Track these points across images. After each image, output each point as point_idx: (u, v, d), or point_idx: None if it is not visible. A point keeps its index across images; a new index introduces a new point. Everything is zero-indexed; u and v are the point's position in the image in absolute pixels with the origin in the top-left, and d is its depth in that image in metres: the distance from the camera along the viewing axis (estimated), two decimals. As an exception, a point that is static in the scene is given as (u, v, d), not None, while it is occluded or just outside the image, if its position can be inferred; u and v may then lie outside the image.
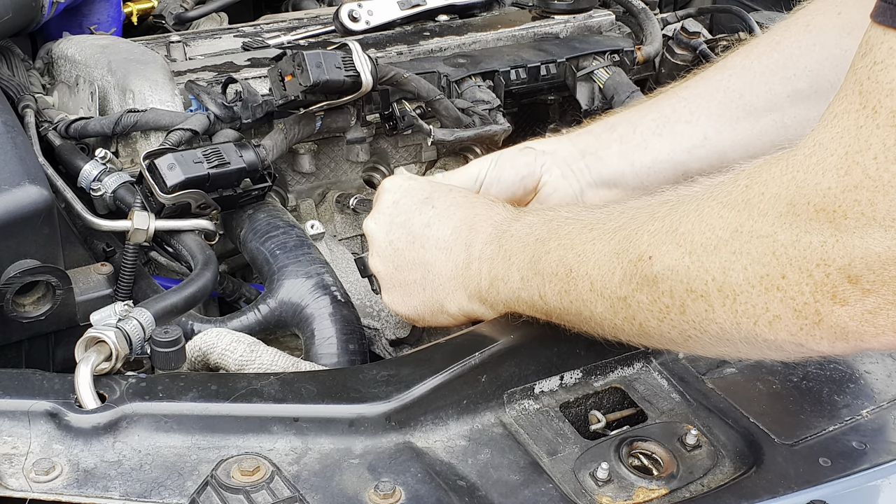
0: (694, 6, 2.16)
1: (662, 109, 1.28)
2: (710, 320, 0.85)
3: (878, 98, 0.72)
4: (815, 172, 0.76)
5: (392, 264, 1.20)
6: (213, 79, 1.51)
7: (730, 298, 0.82)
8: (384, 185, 1.24)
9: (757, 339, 0.83)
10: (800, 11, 1.24)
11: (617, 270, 0.92)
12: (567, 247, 0.99)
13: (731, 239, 0.81)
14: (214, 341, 1.14)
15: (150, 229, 1.28)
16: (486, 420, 1.05)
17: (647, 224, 0.90)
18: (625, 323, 0.94)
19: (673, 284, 0.86)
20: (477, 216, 1.15)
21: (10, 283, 1.13)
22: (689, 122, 1.26)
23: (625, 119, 1.31)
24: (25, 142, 1.28)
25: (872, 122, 0.72)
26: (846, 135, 0.74)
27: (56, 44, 1.63)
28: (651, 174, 1.27)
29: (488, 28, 1.76)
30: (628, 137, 1.28)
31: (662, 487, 0.97)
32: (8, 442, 0.93)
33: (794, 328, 0.79)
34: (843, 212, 0.74)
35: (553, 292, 1.00)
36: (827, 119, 0.77)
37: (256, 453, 0.91)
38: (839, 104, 0.76)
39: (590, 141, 1.31)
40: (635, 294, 0.90)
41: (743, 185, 0.82)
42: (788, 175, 0.78)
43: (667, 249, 0.87)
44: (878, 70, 0.72)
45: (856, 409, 1.08)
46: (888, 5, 0.72)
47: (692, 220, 0.85)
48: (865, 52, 0.74)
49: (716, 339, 0.87)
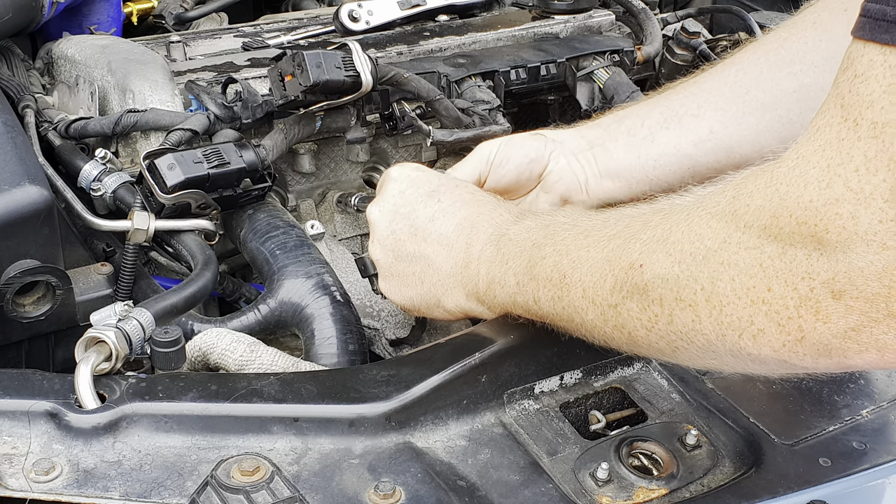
0: (694, 6, 2.16)
1: (671, 104, 1.29)
2: (697, 331, 0.84)
3: (858, 110, 0.71)
4: (798, 185, 0.75)
5: (392, 254, 1.20)
6: (213, 79, 1.51)
7: (716, 309, 0.81)
8: (391, 174, 1.23)
9: (741, 352, 0.82)
10: (807, 9, 1.24)
11: (608, 278, 0.92)
12: (562, 252, 0.99)
13: (720, 249, 0.81)
14: (214, 341, 1.14)
15: (150, 229, 1.28)
16: (486, 420, 1.05)
17: (640, 233, 0.90)
18: (615, 331, 0.94)
19: (663, 293, 0.86)
20: (480, 215, 1.15)
21: (10, 283, 1.13)
22: (695, 115, 1.26)
23: (634, 113, 1.32)
24: (25, 142, 1.28)
25: (854, 134, 0.72)
26: (828, 147, 0.73)
27: (56, 44, 1.63)
28: (657, 167, 1.27)
29: (488, 28, 1.76)
30: (636, 130, 1.29)
31: (662, 487, 0.97)
32: (8, 442, 0.93)
33: (777, 343, 0.79)
34: (825, 225, 0.73)
35: (547, 298, 1.00)
36: (810, 132, 0.76)
37: (256, 453, 0.91)
38: (822, 118, 0.75)
39: (598, 133, 1.32)
40: (625, 302, 0.90)
41: (730, 196, 0.82)
42: (772, 187, 0.78)
43: (657, 258, 0.86)
44: (858, 83, 0.72)
45: (856, 409, 1.08)
46: (867, 20, 0.72)
47: (682, 229, 0.85)
48: (846, 67, 0.74)
49: (702, 350, 0.86)
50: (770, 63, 1.24)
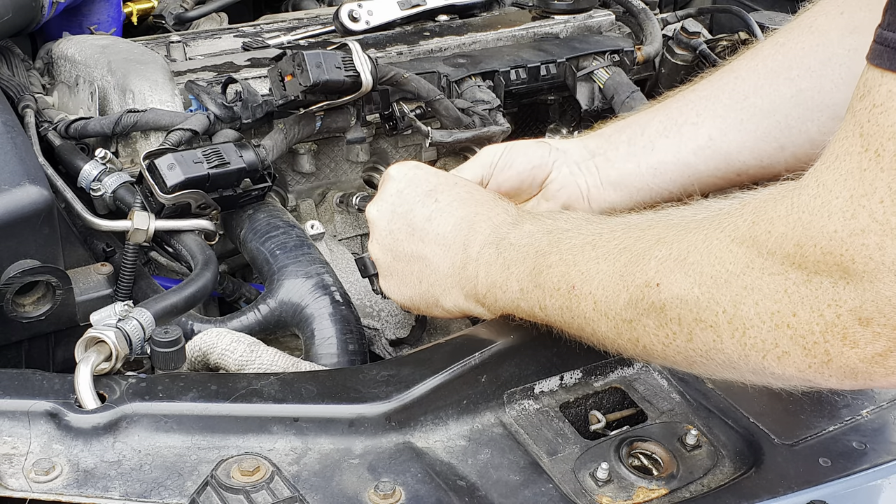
0: (694, 6, 2.16)
1: (670, 112, 1.29)
2: (718, 350, 0.84)
3: (880, 141, 0.71)
4: (821, 215, 0.75)
5: (391, 253, 1.20)
6: (213, 79, 1.51)
7: (739, 331, 0.81)
8: (390, 172, 1.23)
9: (765, 371, 0.82)
10: (804, 14, 1.24)
11: (622, 294, 0.91)
12: (569, 262, 0.98)
13: (743, 274, 0.80)
14: (214, 341, 1.13)
15: (150, 229, 1.28)
16: (486, 420, 1.05)
17: (653, 249, 0.90)
18: (628, 344, 0.94)
19: (681, 313, 0.86)
20: (478, 214, 1.15)
21: (10, 283, 1.13)
22: (694, 123, 1.26)
23: (634, 122, 1.32)
24: (25, 142, 1.28)
25: (876, 165, 0.71)
26: (850, 178, 0.73)
27: (56, 44, 1.63)
28: (656, 175, 1.27)
29: (488, 28, 1.76)
30: (636, 139, 1.29)
31: (662, 487, 0.97)
32: (8, 442, 0.93)
33: (802, 365, 0.79)
34: (851, 256, 0.73)
35: (554, 307, 1.00)
36: (829, 160, 0.76)
37: (256, 453, 0.91)
38: (840, 145, 0.75)
39: (600, 142, 1.32)
40: (641, 318, 0.90)
41: (749, 221, 0.82)
42: (794, 216, 0.77)
43: (675, 278, 0.86)
44: (877, 113, 0.71)
45: (856, 409, 1.08)
46: (885, 48, 0.71)
47: (701, 251, 0.85)
48: (864, 95, 0.73)
49: (722, 366, 0.86)
50: (768, 69, 1.23)
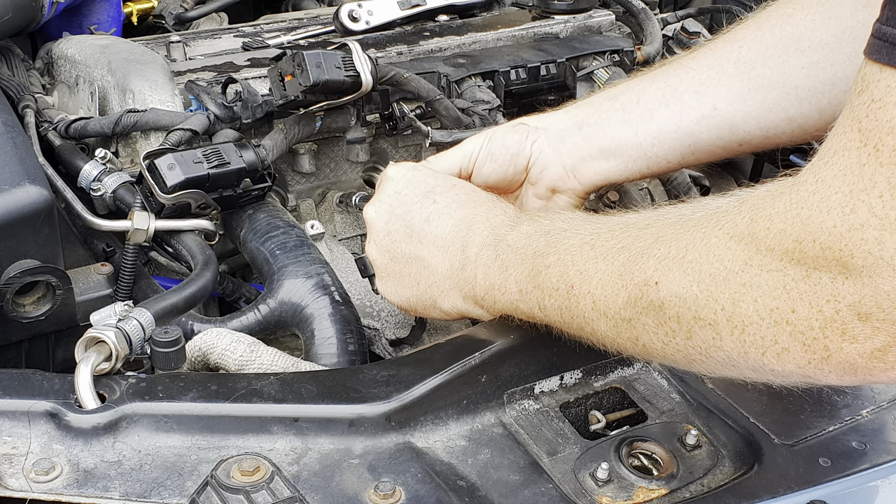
0: (694, 6, 2.16)
1: (669, 79, 1.26)
2: (718, 347, 0.84)
3: (878, 136, 0.71)
4: (820, 210, 0.75)
5: (388, 255, 1.20)
6: (213, 79, 1.51)
7: (738, 328, 0.81)
8: (388, 173, 1.23)
9: (764, 368, 0.82)
10: None
11: (621, 293, 0.91)
12: (567, 263, 0.98)
13: (741, 271, 0.80)
14: (214, 341, 1.14)
15: (150, 229, 1.28)
16: (486, 420, 1.05)
17: (651, 248, 0.89)
18: (628, 342, 0.94)
19: (680, 311, 0.86)
20: (476, 216, 1.15)
21: (10, 283, 1.13)
22: (697, 92, 1.23)
23: (628, 89, 1.29)
24: (25, 142, 1.28)
25: (875, 160, 0.71)
26: (849, 173, 0.73)
27: (56, 44, 1.63)
28: (655, 144, 1.25)
29: (488, 28, 1.76)
30: (632, 107, 1.26)
31: (662, 487, 0.97)
32: (8, 442, 0.93)
33: (802, 361, 0.79)
34: (850, 251, 0.73)
35: (553, 307, 1.00)
36: (827, 155, 0.76)
37: (256, 453, 0.91)
38: (838, 140, 0.75)
39: (589, 112, 1.29)
40: (640, 317, 0.90)
41: (748, 218, 0.81)
42: (793, 211, 0.77)
43: (674, 277, 0.86)
44: (876, 108, 0.71)
45: (856, 409, 1.08)
46: (883, 43, 0.71)
47: (699, 249, 0.85)
48: (862, 90, 0.73)
49: (721, 364, 0.86)
50: (776, 40, 1.20)
